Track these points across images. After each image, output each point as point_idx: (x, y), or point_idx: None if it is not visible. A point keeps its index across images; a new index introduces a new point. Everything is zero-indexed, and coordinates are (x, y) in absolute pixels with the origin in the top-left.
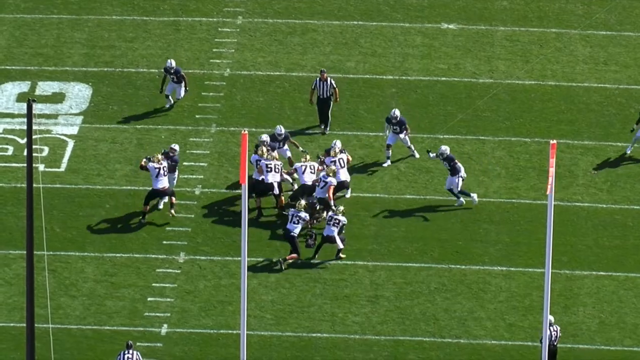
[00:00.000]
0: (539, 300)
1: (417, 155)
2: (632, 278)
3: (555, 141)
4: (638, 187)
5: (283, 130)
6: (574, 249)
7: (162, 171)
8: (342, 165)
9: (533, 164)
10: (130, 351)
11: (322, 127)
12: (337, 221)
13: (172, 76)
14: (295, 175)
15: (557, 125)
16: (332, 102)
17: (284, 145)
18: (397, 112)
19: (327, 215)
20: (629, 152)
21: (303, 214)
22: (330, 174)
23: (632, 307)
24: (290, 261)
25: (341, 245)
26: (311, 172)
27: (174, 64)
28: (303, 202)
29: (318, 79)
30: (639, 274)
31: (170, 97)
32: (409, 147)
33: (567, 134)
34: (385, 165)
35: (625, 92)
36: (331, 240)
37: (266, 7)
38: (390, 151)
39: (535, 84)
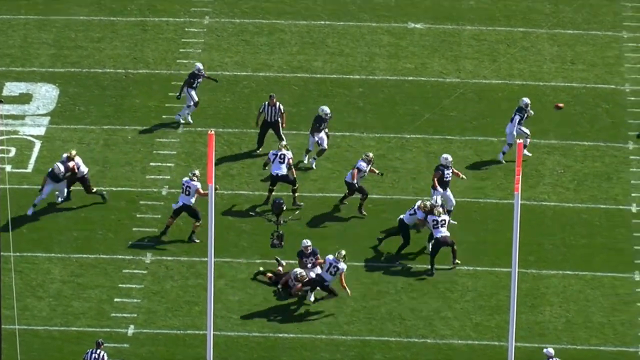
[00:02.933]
0: (506, 299)
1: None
2: (598, 277)
3: (521, 140)
4: (605, 186)
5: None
6: (540, 248)
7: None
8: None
9: (499, 163)
10: (98, 351)
11: (260, 149)
12: (443, 222)
13: (198, 81)
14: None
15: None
16: (280, 126)
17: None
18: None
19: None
20: None
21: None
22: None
23: (599, 306)
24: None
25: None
26: (280, 162)
27: (201, 67)
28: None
29: (267, 103)
30: (605, 273)
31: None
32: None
33: (534, 133)
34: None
35: (592, 91)
36: (447, 241)
37: (233, 7)
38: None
39: (502, 83)
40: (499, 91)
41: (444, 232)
